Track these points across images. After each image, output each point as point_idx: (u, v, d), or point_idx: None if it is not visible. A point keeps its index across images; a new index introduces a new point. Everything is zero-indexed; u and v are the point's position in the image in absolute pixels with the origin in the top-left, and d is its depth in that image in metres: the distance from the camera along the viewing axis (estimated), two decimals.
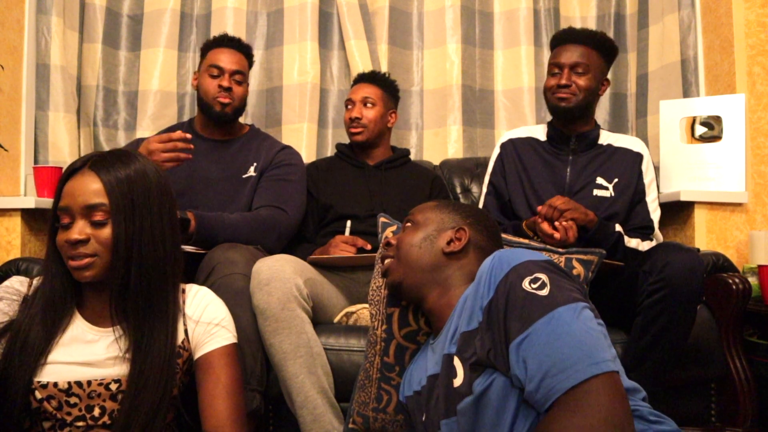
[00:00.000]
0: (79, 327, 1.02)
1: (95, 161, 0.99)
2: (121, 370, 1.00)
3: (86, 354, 1.00)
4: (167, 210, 1.02)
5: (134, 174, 0.99)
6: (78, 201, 0.96)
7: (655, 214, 1.70)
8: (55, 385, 0.97)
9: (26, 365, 0.96)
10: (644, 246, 1.61)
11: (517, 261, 0.88)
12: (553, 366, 0.76)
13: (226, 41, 1.86)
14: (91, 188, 0.97)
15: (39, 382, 0.97)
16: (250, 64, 1.92)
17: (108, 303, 1.01)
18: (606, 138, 1.78)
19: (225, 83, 1.79)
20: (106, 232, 0.97)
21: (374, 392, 1.25)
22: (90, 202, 0.96)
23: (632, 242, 1.61)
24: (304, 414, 1.32)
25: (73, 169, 0.99)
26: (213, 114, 1.80)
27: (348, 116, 1.94)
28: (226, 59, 1.81)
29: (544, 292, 0.83)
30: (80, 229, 0.96)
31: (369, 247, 1.69)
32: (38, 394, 0.97)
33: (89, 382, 0.99)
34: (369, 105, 1.93)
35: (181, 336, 1.06)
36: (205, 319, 1.08)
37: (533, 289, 0.83)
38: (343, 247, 1.68)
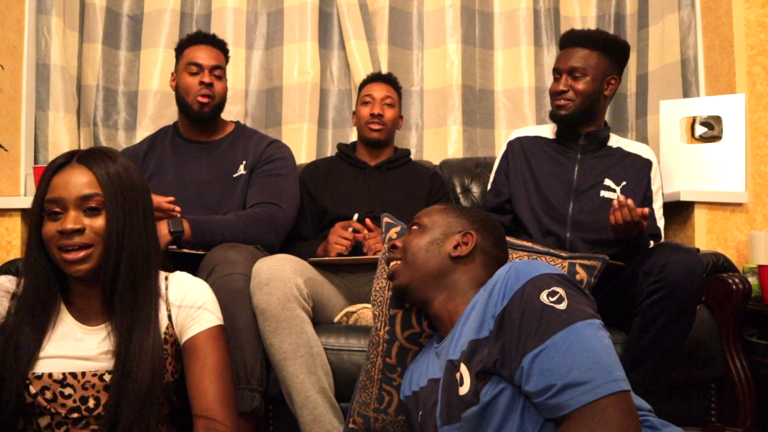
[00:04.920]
0: (68, 325, 1.03)
1: (82, 155, 1.01)
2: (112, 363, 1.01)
3: (78, 350, 1.01)
4: (149, 208, 1.06)
5: (121, 169, 1.02)
6: (72, 192, 0.97)
7: (660, 222, 1.70)
8: (50, 375, 0.98)
9: (19, 363, 0.96)
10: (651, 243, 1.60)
11: (533, 273, 0.88)
12: (573, 379, 0.77)
13: (201, 38, 1.83)
14: (84, 179, 0.98)
15: (33, 373, 0.97)
16: (227, 60, 1.90)
17: (96, 299, 1.02)
18: (616, 141, 1.78)
19: (206, 79, 1.76)
20: (100, 221, 0.98)
21: (375, 393, 1.26)
22: (84, 193, 0.97)
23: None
24: (304, 414, 1.32)
25: (60, 164, 1.00)
26: (191, 113, 1.78)
27: (369, 112, 1.93)
28: (204, 56, 1.79)
29: (562, 306, 0.83)
30: (74, 218, 0.97)
31: (364, 232, 1.68)
32: (32, 388, 0.97)
33: (83, 373, 0.99)
34: (389, 105, 1.95)
35: (165, 323, 1.06)
36: (187, 303, 1.08)
37: (551, 302, 0.84)
38: (340, 233, 1.68)
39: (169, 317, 1.07)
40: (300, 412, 1.32)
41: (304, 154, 2.30)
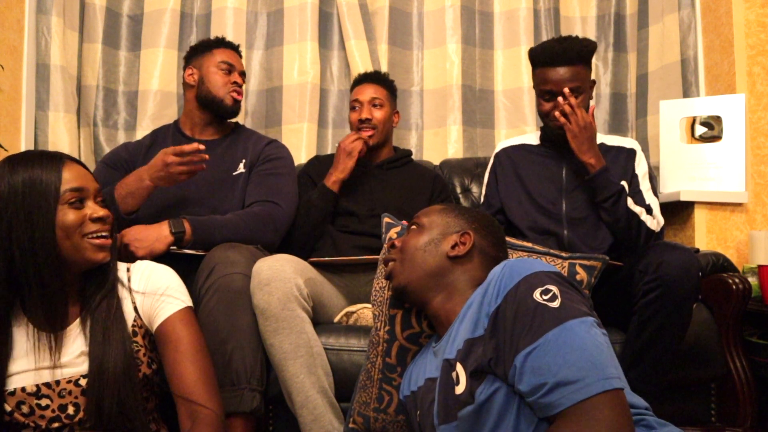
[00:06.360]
0: (33, 336, 1.00)
1: (66, 155, 1.06)
2: (87, 365, 1.00)
3: (48, 358, 0.99)
4: None
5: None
6: (90, 184, 1.03)
7: (653, 201, 1.65)
8: (23, 389, 0.97)
9: None
10: (647, 219, 1.59)
11: (528, 271, 0.88)
12: (564, 377, 0.77)
13: (231, 44, 1.91)
14: (90, 175, 1.05)
15: (6, 390, 0.96)
16: None
17: (72, 297, 1.03)
18: (599, 139, 1.77)
19: (239, 80, 1.85)
20: (107, 212, 1.05)
21: (375, 392, 1.26)
22: (97, 186, 1.05)
23: (636, 208, 1.59)
24: (304, 414, 1.32)
25: (59, 161, 1.03)
26: (222, 107, 1.82)
27: (357, 117, 1.91)
28: (236, 60, 1.88)
29: (555, 304, 0.83)
30: (98, 207, 1.03)
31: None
32: (7, 406, 0.96)
33: (58, 382, 0.99)
34: (377, 106, 1.92)
35: (131, 315, 1.06)
36: (150, 290, 1.08)
37: (544, 300, 0.84)
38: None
39: (135, 309, 1.07)
40: (300, 412, 1.32)
41: (304, 154, 2.30)
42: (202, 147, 1.47)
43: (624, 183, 1.63)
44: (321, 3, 2.39)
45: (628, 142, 1.76)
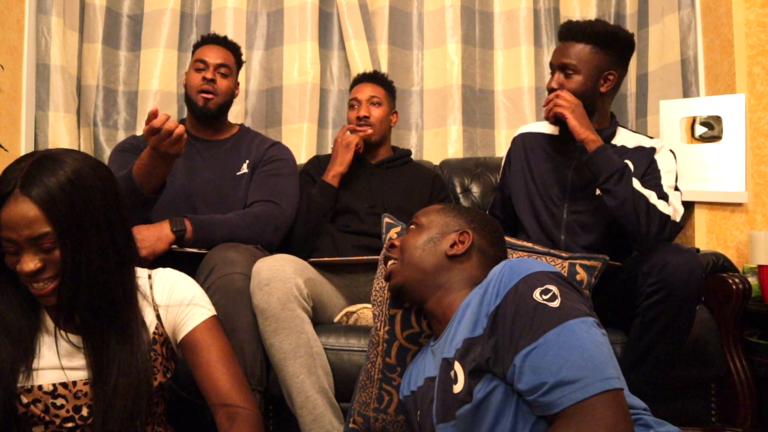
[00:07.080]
0: (54, 335, 1.00)
1: (24, 182, 0.89)
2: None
3: (67, 359, 0.99)
4: (114, 202, 0.96)
5: (67, 181, 0.90)
6: (22, 234, 0.89)
7: (673, 194, 1.52)
8: (40, 387, 0.96)
9: (2, 379, 0.93)
10: (659, 203, 1.46)
11: (527, 271, 0.88)
12: (564, 377, 0.77)
13: (212, 39, 1.89)
14: (29, 217, 0.88)
15: (23, 386, 0.96)
16: (238, 62, 1.93)
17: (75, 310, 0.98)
18: (622, 139, 1.68)
19: (209, 75, 1.80)
20: (57, 254, 0.91)
21: (375, 392, 1.26)
22: (34, 234, 0.89)
23: (644, 190, 1.47)
24: (304, 414, 1.32)
25: (5, 194, 0.89)
26: (196, 110, 1.81)
27: (355, 115, 1.92)
28: (211, 54, 1.84)
29: (555, 303, 0.83)
30: (31, 258, 0.90)
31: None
32: (24, 399, 0.95)
33: (74, 383, 0.98)
34: (375, 104, 1.93)
35: (153, 323, 1.05)
36: (174, 302, 1.06)
37: (544, 300, 0.84)
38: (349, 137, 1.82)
39: (158, 317, 1.06)
40: (300, 412, 1.32)
41: (304, 154, 2.30)
42: (165, 118, 1.32)
43: (629, 162, 1.53)
44: (321, 3, 2.39)
45: (650, 141, 1.66)
